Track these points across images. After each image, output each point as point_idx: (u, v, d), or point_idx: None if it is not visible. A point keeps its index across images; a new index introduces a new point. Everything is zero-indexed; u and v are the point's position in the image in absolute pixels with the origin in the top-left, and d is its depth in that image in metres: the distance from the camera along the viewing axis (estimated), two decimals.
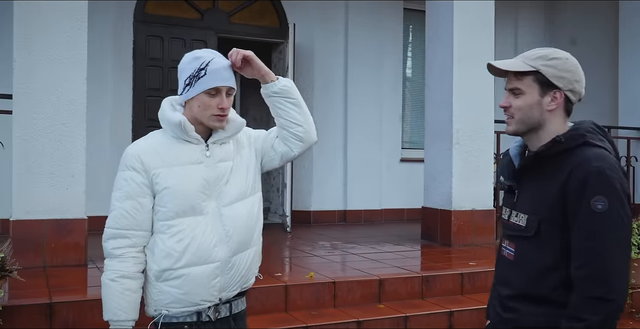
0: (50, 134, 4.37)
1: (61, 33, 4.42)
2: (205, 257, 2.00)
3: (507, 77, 1.84)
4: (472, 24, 5.85)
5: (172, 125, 2.03)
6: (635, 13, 7.16)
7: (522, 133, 1.83)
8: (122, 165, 2.03)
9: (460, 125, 5.75)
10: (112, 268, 1.97)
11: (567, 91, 1.77)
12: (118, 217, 1.99)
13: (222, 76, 2.03)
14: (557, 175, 1.72)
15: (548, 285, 1.73)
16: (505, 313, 1.83)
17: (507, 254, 1.85)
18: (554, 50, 1.81)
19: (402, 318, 3.88)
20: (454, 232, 5.68)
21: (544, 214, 1.72)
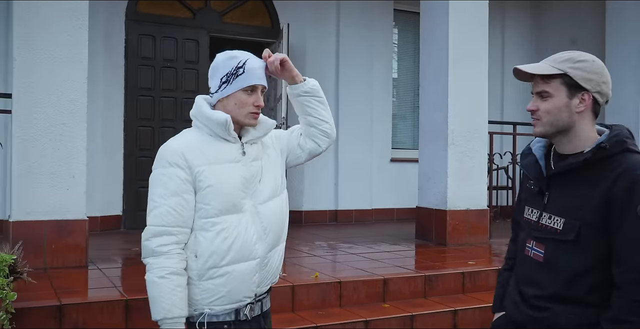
0: (51, 134, 4.32)
1: (62, 32, 4.37)
2: (248, 254, 2.04)
3: (533, 81, 1.87)
4: (467, 25, 5.92)
5: (215, 123, 2.03)
6: (622, 13, 7.28)
7: (550, 135, 1.87)
8: (163, 162, 2.02)
9: (455, 126, 5.82)
10: (160, 265, 1.95)
11: (594, 92, 1.80)
12: (164, 215, 1.97)
13: (259, 75, 2.10)
14: (600, 181, 1.74)
15: (582, 288, 1.77)
16: (535, 312, 1.86)
17: (533, 254, 1.88)
18: (580, 53, 1.85)
19: (408, 317, 3.92)
20: (449, 232, 5.74)
21: (585, 219, 1.74)
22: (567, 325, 1.79)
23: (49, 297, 3.46)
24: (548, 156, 1.93)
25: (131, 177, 6.76)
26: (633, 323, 1.67)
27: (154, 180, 2.03)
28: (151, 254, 1.98)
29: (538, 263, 1.86)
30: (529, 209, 1.95)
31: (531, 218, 1.92)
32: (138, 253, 5.09)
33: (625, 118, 7.10)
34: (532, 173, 1.92)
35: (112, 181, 6.59)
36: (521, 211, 2.00)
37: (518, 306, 1.93)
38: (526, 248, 1.92)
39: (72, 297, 3.51)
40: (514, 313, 1.96)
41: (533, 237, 1.90)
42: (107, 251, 5.19)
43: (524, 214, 1.96)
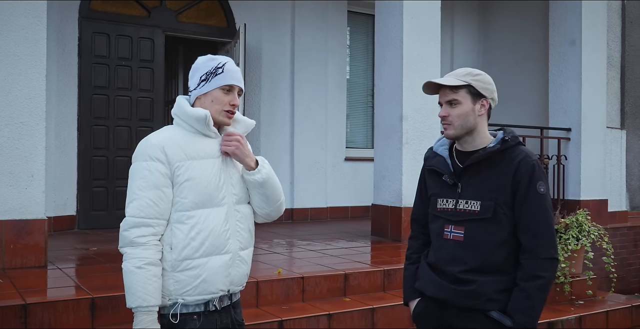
0: (9, 133, 4.27)
1: (19, 29, 4.32)
2: (221, 247, 2.13)
3: (440, 92, 2.22)
4: (421, 29, 6.10)
5: (195, 119, 2.13)
6: (564, 14, 7.59)
7: (460, 136, 2.20)
8: (144, 155, 2.09)
9: (409, 125, 6.00)
10: (137, 255, 2.03)
11: (490, 98, 2.22)
12: (143, 206, 2.05)
13: (237, 76, 2.22)
14: (505, 168, 2.15)
15: (499, 258, 2.13)
16: (460, 286, 2.14)
17: (453, 236, 2.19)
18: (474, 69, 2.25)
19: (369, 310, 4.05)
20: (404, 228, 5.91)
21: (498, 199, 2.13)
22: (492, 292, 2.11)
23: (13, 297, 3.43)
24: (451, 155, 2.28)
25: (85, 177, 6.67)
26: (544, 277, 2.08)
27: (135, 172, 2.10)
28: (129, 244, 2.05)
29: (459, 242, 2.18)
30: (442, 200, 2.25)
31: (447, 207, 2.22)
32: (96, 253, 5.10)
33: (569, 118, 7.45)
34: (445, 169, 2.25)
35: (65, 180, 6.50)
36: (434, 204, 2.28)
37: (439, 285, 2.20)
38: (444, 233, 2.22)
39: (36, 296, 3.49)
40: (436, 292, 2.22)
41: (452, 222, 2.20)
42: (64, 251, 5.14)
43: (437, 206, 2.26)
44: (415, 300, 2.32)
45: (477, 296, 2.12)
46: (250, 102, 7.54)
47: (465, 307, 2.15)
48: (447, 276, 2.19)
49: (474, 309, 2.13)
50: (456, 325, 2.19)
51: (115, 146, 6.86)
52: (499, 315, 2.10)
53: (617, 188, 8.34)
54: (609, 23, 8.42)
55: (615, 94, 8.78)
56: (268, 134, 7.72)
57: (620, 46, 9.01)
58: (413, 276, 2.36)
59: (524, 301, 2.07)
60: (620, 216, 8.22)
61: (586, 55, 7.43)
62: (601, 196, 7.52)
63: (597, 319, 4.72)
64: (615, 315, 4.83)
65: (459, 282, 2.15)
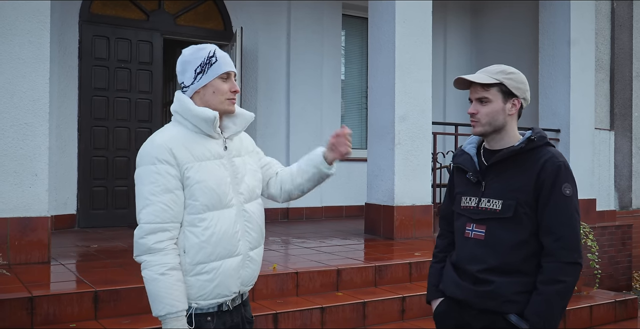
0: (14, 134, 4.42)
1: (24, 33, 4.47)
2: (233, 250, 2.10)
3: (471, 88, 2.22)
4: (412, 33, 6.27)
5: (203, 120, 2.07)
6: (554, 17, 7.75)
7: (487, 134, 2.20)
8: (151, 158, 2.01)
9: (401, 127, 6.17)
10: (158, 262, 1.97)
11: (522, 98, 2.18)
12: (158, 212, 1.98)
13: (230, 62, 2.16)
14: (530, 168, 2.11)
15: (518, 258, 2.10)
16: (479, 287, 2.14)
17: (474, 235, 2.18)
18: (508, 66, 2.21)
19: (361, 304, 4.22)
20: (397, 227, 6.09)
21: (520, 199, 2.09)
22: (510, 294, 2.09)
23: (19, 290, 3.59)
24: (478, 153, 2.28)
25: (85, 177, 6.83)
26: (565, 282, 2.04)
27: (143, 177, 2.02)
28: (147, 252, 1.99)
29: (479, 241, 2.16)
30: (466, 198, 2.24)
31: (470, 205, 2.22)
32: (97, 250, 5.26)
33: (558, 119, 7.63)
34: (470, 167, 2.25)
35: (66, 180, 6.65)
36: (458, 202, 2.28)
37: (459, 286, 2.20)
38: (466, 231, 2.21)
39: (41, 289, 3.65)
40: (456, 293, 2.22)
41: (473, 221, 2.19)
42: (66, 248, 5.29)
43: (462, 204, 2.25)
44: (438, 300, 2.31)
45: (496, 296, 2.09)
46: (246, 104, 7.70)
47: (483, 308, 2.13)
48: (467, 276, 2.17)
49: (492, 310, 2.12)
50: (474, 326, 2.17)
51: (114, 146, 7.02)
52: (517, 319, 2.08)
53: (605, 188, 8.53)
54: (598, 26, 8.61)
55: (604, 95, 8.97)
56: (264, 135, 7.89)
57: (610, 49, 9.20)
58: (438, 275, 2.34)
59: (542, 305, 2.04)
60: (609, 215, 8.41)
61: (575, 58, 7.62)
62: (590, 196, 7.69)
63: (582, 314, 4.89)
64: (599, 310, 5.00)
65: (478, 282, 2.13)
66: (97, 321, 3.58)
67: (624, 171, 9.29)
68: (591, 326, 4.91)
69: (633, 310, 5.26)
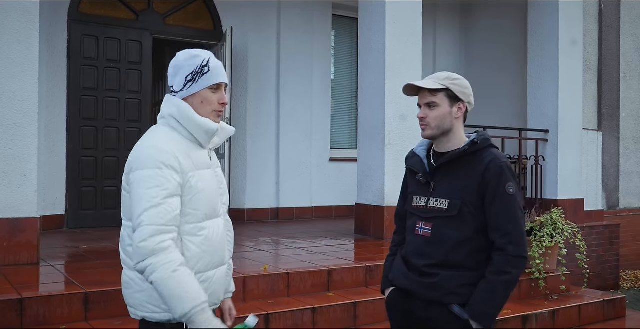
0: (2, 134, 4.39)
1: (13, 32, 4.44)
2: (223, 258, 2.15)
3: (419, 94, 2.35)
4: (403, 34, 6.28)
5: (204, 130, 2.06)
6: (542, 18, 7.79)
7: (436, 137, 2.33)
8: (156, 162, 1.95)
9: (391, 127, 6.18)
10: (165, 261, 1.88)
11: (467, 102, 2.33)
12: (163, 213, 1.92)
13: (222, 72, 2.14)
14: (474, 169, 2.25)
15: (463, 253, 2.25)
16: (424, 279, 2.29)
17: (422, 232, 2.32)
18: (452, 73, 2.35)
19: (352, 304, 4.22)
20: (387, 227, 6.09)
21: (465, 198, 2.24)
22: (453, 286, 2.24)
23: (9, 292, 3.56)
24: (428, 156, 2.42)
25: (74, 177, 6.79)
26: (511, 273, 2.19)
27: (147, 180, 1.95)
28: (151, 254, 1.88)
29: (426, 238, 2.30)
30: (417, 198, 2.38)
31: (420, 204, 2.36)
32: (87, 251, 5.23)
33: (547, 120, 7.68)
34: (420, 169, 2.38)
35: (54, 180, 6.61)
36: (410, 202, 2.41)
37: (407, 277, 2.35)
38: (416, 229, 2.35)
39: (31, 291, 3.63)
40: (404, 283, 2.36)
41: (422, 219, 2.34)
42: (55, 249, 5.26)
43: (413, 203, 2.39)
44: (390, 289, 2.45)
45: (439, 288, 2.24)
46: (236, 104, 7.69)
47: (428, 299, 2.27)
48: (415, 269, 2.32)
49: (437, 301, 2.25)
50: (419, 314, 2.31)
51: (103, 146, 6.98)
52: (459, 310, 2.21)
53: (593, 188, 8.59)
54: (585, 27, 8.67)
55: (592, 96, 9.04)
56: (254, 135, 7.88)
57: (597, 50, 9.28)
58: (390, 267, 2.49)
59: (488, 293, 2.18)
60: (597, 215, 8.48)
61: (563, 58, 7.66)
62: (577, 196, 7.75)
63: (570, 313, 4.93)
64: (587, 309, 5.04)
65: (424, 275, 2.28)
66: (87, 323, 3.57)
67: (611, 171, 9.37)
68: (580, 326, 4.95)
69: (621, 309, 5.31)
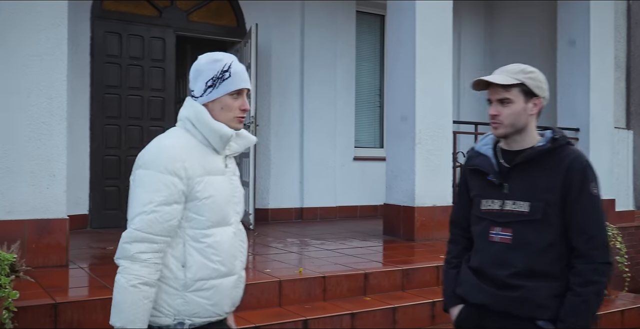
0: (31, 133, 4.28)
1: (41, 29, 4.33)
2: (232, 268, 2.06)
3: (490, 89, 2.14)
4: (433, 31, 6.14)
5: (219, 136, 2.01)
6: (572, 16, 7.63)
7: (509, 135, 2.14)
8: (160, 166, 1.92)
9: (422, 126, 6.04)
10: (134, 272, 1.87)
11: (542, 97, 2.14)
12: (152, 222, 1.89)
13: (244, 78, 2.06)
14: (555, 168, 2.07)
15: (547, 260, 2.06)
16: (507, 292, 2.07)
17: (500, 239, 2.11)
18: (526, 65, 2.16)
19: (391, 309, 4.09)
20: (417, 228, 5.95)
21: (548, 200, 2.05)
22: (542, 298, 2.04)
23: (42, 296, 3.46)
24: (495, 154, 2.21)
25: (98, 176, 6.69)
26: (601, 282, 2.01)
27: (146, 182, 1.92)
28: (128, 258, 1.89)
29: (506, 245, 2.10)
30: (487, 201, 2.17)
31: (493, 208, 2.15)
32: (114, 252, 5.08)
33: (577, 119, 7.50)
34: (490, 169, 2.17)
35: (78, 179, 6.50)
36: (477, 206, 2.21)
37: (483, 290, 2.13)
38: (490, 235, 2.14)
39: (64, 295, 3.53)
40: (480, 298, 2.14)
41: (497, 224, 2.13)
42: (82, 250, 5.16)
43: (482, 207, 2.18)
44: (457, 307, 2.24)
45: (526, 302, 2.04)
46: (260, 102, 7.56)
47: (511, 313, 2.07)
48: (493, 281, 2.10)
49: (521, 316, 2.06)
50: None
51: (126, 145, 6.88)
52: (547, 324, 2.03)
53: (624, 188, 8.40)
54: (614, 24, 8.47)
55: (620, 94, 8.85)
56: (278, 134, 7.75)
57: (626, 47, 9.09)
58: (454, 281, 2.28)
59: (582, 306, 2.00)
60: (627, 216, 8.29)
61: (594, 56, 7.48)
62: (609, 196, 7.56)
63: (613, 318, 4.77)
64: (630, 314, 4.88)
65: (506, 287, 2.07)
66: None
67: None
68: None
69: None
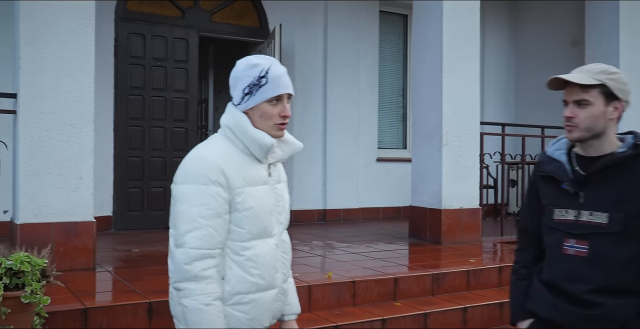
0: (58, 135, 4.26)
1: (69, 30, 4.30)
2: (272, 281, 1.99)
3: (567, 89, 2.00)
4: (460, 30, 6.04)
5: (258, 145, 1.94)
6: (602, 14, 7.48)
7: (585, 139, 1.99)
8: (202, 177, 1.86)
9: (449, 127, 5.94)
10: (203, 291, 1.84)
11: (624, 101, 1.98)
12: (208, 237, 1.85)
13: (283, 83, 1.96)
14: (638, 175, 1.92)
15: (630, 276, 1.90)
16: (586, 310, 1.91)
17: (575, 252, 1.96)
18: (609, 66, 2.02)
19: (422, 315, 4.00)
20: (444, 231, 5.86)
21: (629, 211, 1.90)
22: (627, 317, 1.88)
23: (71, 301, 3.43)
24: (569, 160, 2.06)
25: (121, 178, 6.68)
26: None
27: (192, 196, 1.87)
28: (192, 279, 1.84)
29: (582, 258, 1.95)
30: (561, 211, 2.02)
31: (567, 218, 2.00)
32: (140, 255, 5.10)
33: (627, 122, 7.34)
34: (564, 176, 2.02)
35: (102, 181, 6.48)
36: (549, 215, 2.06)
37: (557, 307, 1.98)
38: (564, 248, 1.99)
39: (93, 300, 3.50)
40: (554, 315, 2.00)
41: (572, 236, 1.98)
42: (107, 252, 5.14)
43: (554, 217, 2.04)
44: (526, 321, 2.11)
45: (608, 320, 1.90)
46: None
47: None
48: (567, 297, 1.97)
49: None
50: None
51: (150, 146, 6.86)
52: None
53: None
54: None
55: None
56: (301, 134, 7.67)
57: None
58: (523, 294, 2.13)
59: None
60: None
61: (624, 55, 7.32)
62: None
63: None
64: None
65: (583, 304, 1.93)
66: None
67: None
68: None
69: None
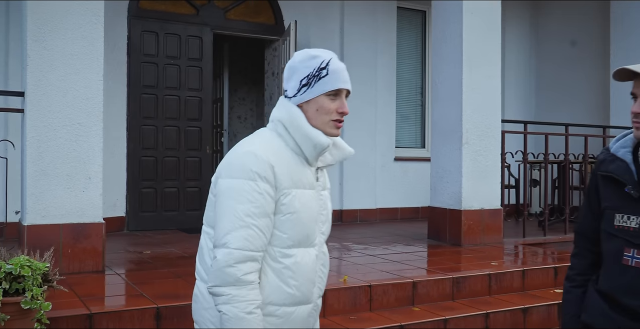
0: (67, 134, 4.16)
1: (77, 28, 4.21)
2: (309, 295, 1.85)
3: (635, 81, 1.81)
4: (481, 25, 5.85)
5: (312, 144, 1.80)
6: (627, 12, 7.29)
7: None
8: (250, 172, 1.71)
9: (469, 125, 5.75)
10: (245, 298, 1.67)
11: None
12: (254, 238, 1.69)
13: (344, 77, 1.84)
14: None
15: None
16: None
17: (636, 263, 1.77)
18: None
19: (442, 321, 3.83)
20: (464, 232, 5.67)
21: None
22: None
23: (76, 305, 3.31)
24: (635, 160, 1.85)
25: (134, 177, 6.58)
26: None
27: (240, 192, 1.70)
28: (233, 284, 1.67)
29: None
30: (622, 216, 1.83)
31: (629, 225, 1.81)
32: (151, 257, 4.98)
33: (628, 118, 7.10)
34: (628, 178, 1.83)
35: (114, 181, 6.39)
36: (609, 220, 1.87)
37: (614, 320, 1.82)
38: (624, 258, 1.80)
39: (99, 305, 3.37)
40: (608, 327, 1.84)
41: (634, 246, 1.79)
42: (118, 254, 5.03)
43: (615, 223, 1.84)
44: None
45: None
46: None
47: None
48: (626, 311, 1.79)
49: None
50: None
51: (163, 146, 6.75)
52: None
53: None
54: None
55: None
56: None
57: None
58: (577, 302, 1.98)
59: None
60: None
61: None
62: None
63: None
64: None
65: None
66: None
67: None
68: None
69: None
